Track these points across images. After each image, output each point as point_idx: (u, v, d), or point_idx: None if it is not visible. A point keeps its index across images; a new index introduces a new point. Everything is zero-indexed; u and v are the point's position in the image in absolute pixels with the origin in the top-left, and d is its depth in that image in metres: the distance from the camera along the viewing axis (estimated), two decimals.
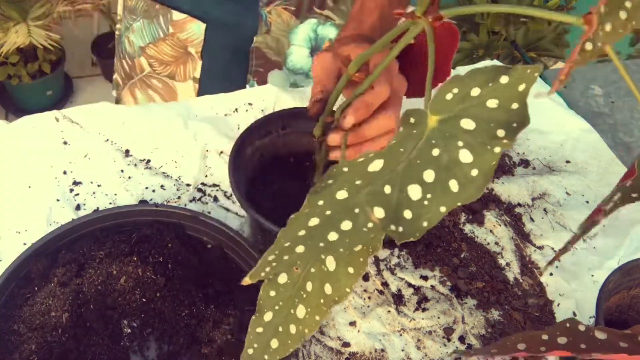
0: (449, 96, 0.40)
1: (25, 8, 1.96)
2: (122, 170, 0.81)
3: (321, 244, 0.39)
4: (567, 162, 0.95)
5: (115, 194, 0.79)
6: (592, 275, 0.80)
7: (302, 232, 0.39)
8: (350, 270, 0.44)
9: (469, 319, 0.73)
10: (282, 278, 0.45)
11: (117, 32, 0.97)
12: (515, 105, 0.39)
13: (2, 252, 0.71)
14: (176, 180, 0.82)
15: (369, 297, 0.74)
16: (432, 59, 0.48)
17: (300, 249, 0.39)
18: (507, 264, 0.80)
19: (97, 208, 0.77)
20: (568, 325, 0.31)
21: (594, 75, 1.14)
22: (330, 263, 0.44)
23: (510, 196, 0.88)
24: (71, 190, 0.79)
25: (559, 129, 0.99)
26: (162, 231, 0.69)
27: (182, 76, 0.90)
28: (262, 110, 0.92)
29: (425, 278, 0.76)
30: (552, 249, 0.83)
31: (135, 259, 0.65)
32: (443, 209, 0.38)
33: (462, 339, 0.72)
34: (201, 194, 0.81)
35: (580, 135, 0.98)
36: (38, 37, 1.94)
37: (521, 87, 0.39)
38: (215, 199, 0.81)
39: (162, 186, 0.81)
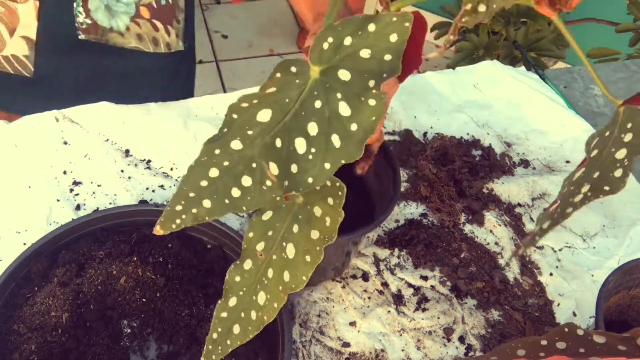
0: (325, 45, 0.40)
1: None
2: (122, 170, 0.81)
3: (226, 201, 0.39)
4: (567, 162, 0.95)
5: (115, 194, 0.79)
6: (592, 275, 0.80)
7: (204, 183, 0.40)
8: (308, 258, 0.45)
9: (469, 319, 0.73)
10: (247, 264, 0.46)
11: None
12: (388, 57, 0.39)
13: (2, 252, 0.71)
14: (176, 180, 0.82)
15: (369, 297, 0.74)
16: None
17: (207, 203, 0.39)
18: (507, 264, 0.80)
19: (97, 208, 0.77)
20: (567, 329, 0.31)
21: (594, 77, 1.14)
22: (290, 250, 0.45)
23: (510, 196, 0.88)
24: (71, 190, 0.79)
25: (559, 129, 0.99)
26: None
27: None
28: None
29: (425, 278, 0.76)
30: (552, 249, 0.83)
31: (135, 259, 0.65)
32: (328, 166, 0.38)
33: (462, 339, 0.72)
34: None
35: (580, 135, 0.98)
36: None
37: (393, 38, 0.39)
38: None
39: (162, 186, 0.81)
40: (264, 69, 2.58)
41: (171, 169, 0.83)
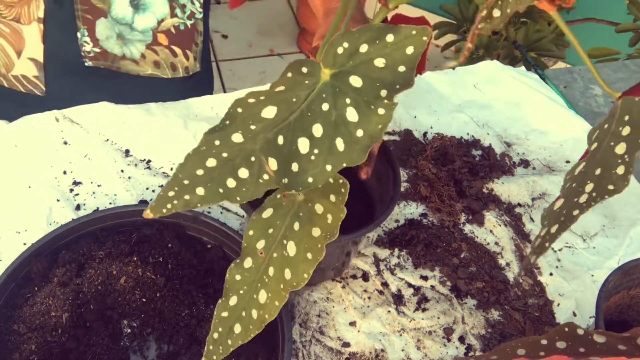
0: (339, 50, 0.40)
1: None
2: (122, 170, 0.81)
3: (220, 190, 0.40)
4: (567, 162, 0.95)
5: (115, 194, 0.79)
6: (592, 275, 0.80)
7: (200, 172, 0.40)
8: (309, 255, 0.45)
9: (469, 319, 0.73)
10: (248, 262, 0.46)
11: None
12: (402, 68, 0.39)
13: (2, 252, 0.71)
14: None
15: (369, 297, 0.74)
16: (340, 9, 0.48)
17: (200, 191, 0.40)
18: (507, 264, 0.80)
19: (97, 208, 0.77)
20: (567, 329, 0.31)
21: (594, 75, 1.14)
22: (291, 248, 0.45)
23: (510, 196, 0.88)
24: (71, 190, 0.79)
25: (559, 129, 0.99)
26: (162, 231, 0.69)
27: (27, 18, 0.87)
28: None
29: (425, 278, 0.76)
30: (552, 249, 0.83)
31: (135, 259, 0.65)
32: (329, 167, 0.39)
33: (462, 339, 0.72)
34: None
35: (580, 135, 0.98)
36: None
37: (409, 50, 0.39)
38: None
39: (162, 186, 0.81)
40: (264, 69, 2.58)
41: (171, 169, 0.83)
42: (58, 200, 0.77)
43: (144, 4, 0.89)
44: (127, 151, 0.84)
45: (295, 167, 0.39)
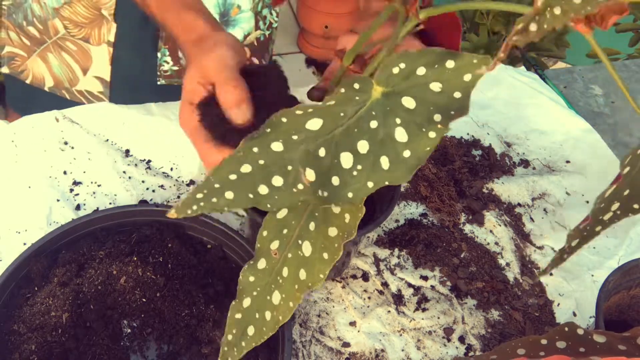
0: (395, 70, 0.40)
1: None
2: (122, 171, 0.81)
3: (250, 195, 0.39)
4: (567, 162, 0.95)
5: (115, 194, 0.79)
6: (592, 275, 0.80)
7: (233, 176, 0.39)
8: (325, 255, 0.44)
9: (469, 319, 0.73)
10: (261, 263, 0.45)
11: (8, 2, 0.93)
12: (458, 95, 0.39)
13: (2, 252, 0.71)
14: (176, 180, 0.82)
15: (369, 297, 0.74)
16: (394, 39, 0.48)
17: (229, 194, 0.39)
18: (507, 264, 0.80)
19: (97, 208, 0.77)
20: (567, 329, 0.31)
21: (594, 75, 1.14)
22: (307, 248, 0.44)
23: (510, 196, 0.88)
24: (71, 190, 0.79)
25: (559, 129, 0.99)
26: (162, 231, 0.69)
27: (96, 39, 0.88)
28: None
29: (425, 278, 0.76)
30: (552, 249, 0.83)
31: (135, 259, 0.65)
32: (370, 184, 0.38)
33: (462, 339, 0.72)
34: None
35: (580, 135, 0.98)
36: None
37: (467, 77, 0.39)
38: None
39: (162, 186, 0.81)
40: None
41: (171, 169, 0.83)
42: (58, 200, 0.77)
43: (234, 19, 0.90)
44: (127, 151, 0.84)
45: (335, 180, 0.39)
